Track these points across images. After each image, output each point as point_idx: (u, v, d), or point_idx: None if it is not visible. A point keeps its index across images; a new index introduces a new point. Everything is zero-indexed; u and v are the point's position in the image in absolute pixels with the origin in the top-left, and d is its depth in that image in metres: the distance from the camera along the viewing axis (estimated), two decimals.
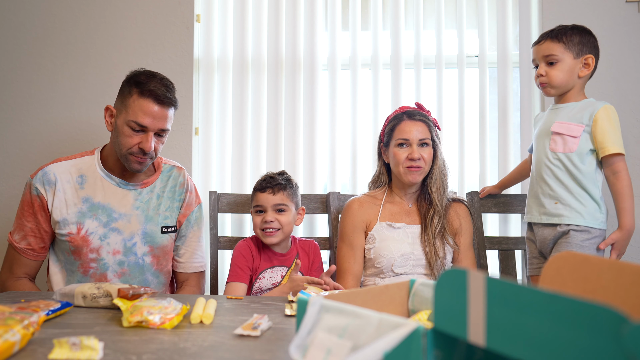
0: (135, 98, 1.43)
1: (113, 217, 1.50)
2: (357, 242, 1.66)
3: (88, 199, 1.49)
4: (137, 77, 1.47)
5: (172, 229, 1.58)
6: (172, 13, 2.08)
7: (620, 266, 0.63)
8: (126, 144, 1.44)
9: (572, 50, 1.56)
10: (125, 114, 1.44)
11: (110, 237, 1.49)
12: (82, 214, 1.48)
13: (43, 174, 1.49)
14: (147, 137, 1.44)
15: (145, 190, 1.55)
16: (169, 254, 1.60)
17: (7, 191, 2.06)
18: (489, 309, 0.48)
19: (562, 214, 1.55)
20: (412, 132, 1.62)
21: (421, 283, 0.82)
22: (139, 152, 1.45)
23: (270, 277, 1.61)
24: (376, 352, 0.53)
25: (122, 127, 1.44)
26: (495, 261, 1.94)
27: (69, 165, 1.52)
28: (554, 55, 1.56)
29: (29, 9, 2.10)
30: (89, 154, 1.56)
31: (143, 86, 1.44)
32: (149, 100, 1.43)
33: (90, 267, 1.48)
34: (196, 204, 1.65)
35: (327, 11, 2.11)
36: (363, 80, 2.11)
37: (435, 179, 1.64)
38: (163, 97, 1.44)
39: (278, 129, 2.08)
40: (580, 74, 1.58)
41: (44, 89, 2.09)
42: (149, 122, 1.43)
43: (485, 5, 2.08)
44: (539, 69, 1.59)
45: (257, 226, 1.60)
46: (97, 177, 1.52)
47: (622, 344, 0.38)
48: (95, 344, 0.78)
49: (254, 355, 0.82)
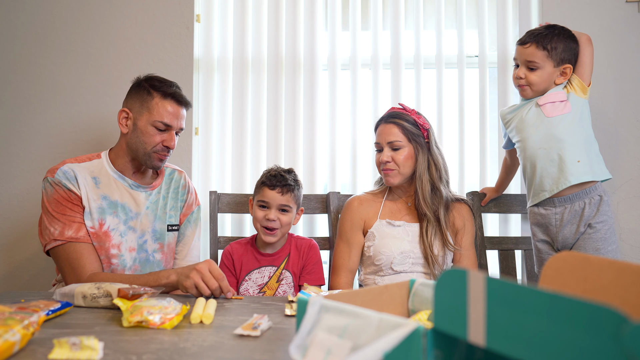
0: (158, 100, 1.54)
1: (130, 216, 1.55)
2: (354, 239, 1.66)
3: (106, 197, 1.53)
4: (151, 81, 1.57)
5: (176, 227, 1.65)
6: (172, 13, 2.08)
7: (620, 266, 0.63)
8: (151, 143, 1.53)
9: (553, 59, 1.62)
10: (149, 115, 1.53)
11: (127, 234, 1.54)
12: (102, 210, 1.51)
13: (63, 172, 1.50)
14: (171, 135, 1.55)
15: (154, 192, 1.62)
16: (174, 252, 1.66)
17: (8, 191, 2.06)
18: (489, 309, 0.48)
19: (592, 171, 1.59)
20: (382, 135, 1.64)
21: (421, 283, 0.82)
22: (163, 149, 1.55)
23: (256, 277, 1.62)
24: (376, 352, 0.53)
25: (146, 127, 1.53)
26: (495, 261, 1.94)
27: (81, 166, 1.54)
28: (536, 62, 1.61)
29: (29, 9, 2.10)
30: (96, 158, 1.59)
31: (163, 89, 1.55)
32: (172, 101, 1.55)
33: (112, 262, 1.50)
34: (196, 205, 1.72)
35: (327, 11, 2.11)
36: (363, 80, 2.11)
37: (419, 179, 1.63)
38: (182, 99, 1.58)
39: (278, 129, 2.08)
40: (557, 81, 1.64)
41: (44, 89, 2.09)
42: (174, 122, 1.55)
43: (485, 5, 2.08)
44: (519, 71, 1.65)
45: (258, 220, 1.61)
46: (111, 178, 1.56)
47: (622, 344, 0.38)
48: (95, 344, 0.79)
49: (254, 355, 0.82)
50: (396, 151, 1.62)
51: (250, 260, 1.64)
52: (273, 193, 1.60)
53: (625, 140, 1.98)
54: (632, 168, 1.98)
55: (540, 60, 1.60)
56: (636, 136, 1.98)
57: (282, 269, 1.63)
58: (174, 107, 1.55)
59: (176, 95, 1.56)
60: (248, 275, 1.62)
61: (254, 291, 1.61)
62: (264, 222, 1.59)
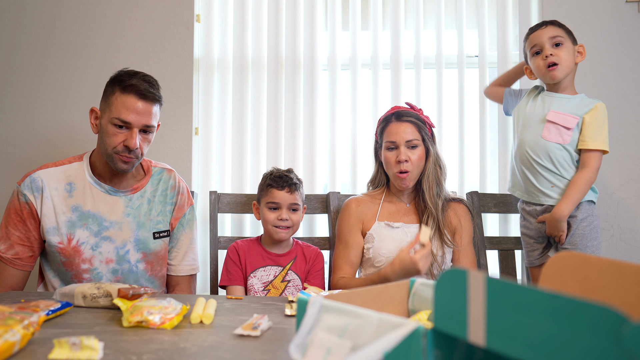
0: (118, 95, 1.41)
1: (104, 226, 1.47)
2: (353, 241, 1.66)
3: (77, 207, 1.46)
4: (119, 77, 1.46)
5: (164, 233, 1.56)
6: (172, 13, 2.08)
7: (620, 266, 0.63)
8: (111, 143, 1.42)
9: (570, 37, 1.63)
10: (109, 113, 1.42)
11: (102, 246, 1.46)
12: (72, 223, 1.45)
13: (31, 181, 1.45)
14: (131, 134, 1.41)
15: (136, 195, 1.53)
16: (163, 259, 1.58)
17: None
18: (489, 309, 0.48)
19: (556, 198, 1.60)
20: (399, 134, 1.60)
21: (421, 283, 0.82)
22: (124, 150, 1.42)
23: (262, 275, 1.63)
24: (376, 352, 0.53)
25: (107, 126, 1.42)
26: (495, 261, 1.93)
27: (57, 172, 1.48)
28: (560, 36, 1.60)
29: (29, 9, 2.10)
30: (77, 160, 1.53)
31: (125, 83, 1.42)
32: (131, 95, 1.41)
33: (84, 277, 1.45)
34: (188, 205, 1.62)
35: (327, 11, 2.11)
36: (363, 80, 2.11)
37: (428, 177, 1.63)
38: (146, 92, 1.43)
39: (278, 129, 2.08)
40: (576, 60, 1.64)
41: (44, 89, 2.09)
42: (133, 118, 1.41)
43: (485, 5, 2.08)
44: (546, 50, 1.61)
45: (270, 222, 1.62)
46: (87, 185, 1.48)
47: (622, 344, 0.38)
48: (95, 344, 0.78)
49: (254, 355, 0.82)
50: (412, 150, 1.60)
51: (256, 257, 1.64)
52: (282, 193, 1.61)
53: (625, 140, 1.98)
54: (632, 168, 1.98)
55: (562, 35, 1.60)
56: (636, 136, 1.98)
57: (287, 269, 1.64)
58: (134, 101, 1.40)
59: (136, 88, 1.41)
60: (253, 273, 1.63)
61: (259, 288, 1.62)
62: (276, 222, 1.60)
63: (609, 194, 1.98)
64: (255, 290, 1.62)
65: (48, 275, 1.51)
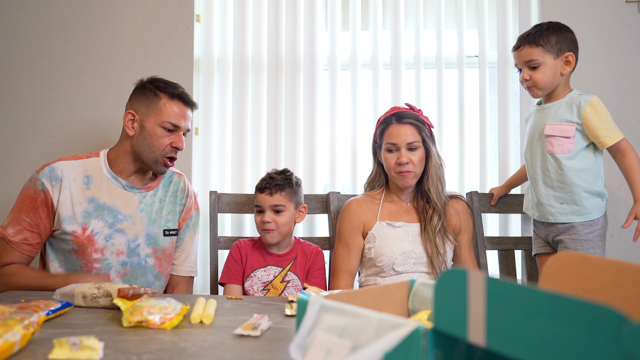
0: (166, 101, 1.55)
1: (118, 219, 1.53)
2: (354, 242, 1.66)
3: (94, 199, 1.52)
4: (156, 83, 1.57)
5: (173, 232, 1.63)
6: (172, 13, 2.08)
7: (620, 266, 0.63)
8: (160, 145, 1.54)
9: (551, 52, 1.59)
10: (157, 117, 1.53)
11: (114, 237, 1.52)
12: (87, 213, 1.50)
13: (50, 170, 1.50)
14: (179, 136, 1.56)
15: (149, 194, 1.60)
16: (170, 257, 1.63)
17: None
18: (489, 309, 0.48)
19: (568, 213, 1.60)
20: (399, 137, 1.61)
21: (421, 283, 0.82)
22: (171, 151, 1.56)
23: (262, 275, 1.63)
24: (376, 352, 0.53)
25: (154, 129, 1.53)
26: (495, 261, 1.94)
27: (76, 164, 1.54)
28: (535, 60, 1.60)
29: (29, 9, 2.10)
30: (94, 156, 1.59)
31: (170, 90, 1.56)
32: (179, 102, 1.56)
33: (94, 267, 1.49)
34: (195, 209, 1.71)
35: (327, 11, 2.11)
36: (363, 80, 2.11)
37: (432, 178, 1.64)
38: (189, 99, 1.59)
39: (278, 129, 2.08)
40: (562, 72, 1.61)
41: (44, 89, 2.09)
42: (182, 123, 1.56)
43: (485, 5, 2.08)
44: (523, 74, 1.63)
45: (257, 225, 1.65)
46: (104, 179, 1.55)
47: (622, 344, 0.38)
48: (95, 344, 0.78)
49: (254, 355, 0.82)
50: (413, 152, 1.61)
51: (257, 257, 1.65)
52: (262, 196, 1.63)
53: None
54: None
55: (538, 56, 1.59)
56: (636, 136, 1.98)
57: (287, 270, 1.64)
58: (181, 107, 1.56)
59: (183, 96, 1.57)
60: (253, 272, 1.63)
61: (258, 288, 1.62)
62: (261, 225, 1.62)
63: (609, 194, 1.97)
64: (255, 290, 1.62)
65: (54, 265, 1.53)
